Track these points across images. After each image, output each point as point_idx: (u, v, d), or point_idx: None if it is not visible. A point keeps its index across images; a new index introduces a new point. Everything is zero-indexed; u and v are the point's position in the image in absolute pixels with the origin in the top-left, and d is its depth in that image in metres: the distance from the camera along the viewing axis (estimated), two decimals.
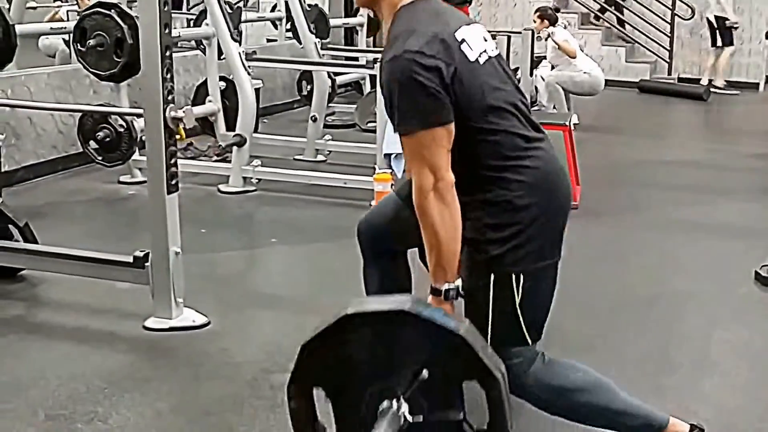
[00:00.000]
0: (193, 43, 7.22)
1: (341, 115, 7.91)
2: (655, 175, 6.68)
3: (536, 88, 8.71)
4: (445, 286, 2.21)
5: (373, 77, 8.21)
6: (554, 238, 2.29)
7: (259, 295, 3.94)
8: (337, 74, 7.00)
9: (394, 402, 1.98)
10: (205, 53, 6.02)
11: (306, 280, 4.19)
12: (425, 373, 1.97)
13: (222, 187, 5.59)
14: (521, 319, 2.25)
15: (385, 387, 2.02)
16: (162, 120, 3.25)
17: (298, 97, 7.85)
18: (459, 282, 2.25)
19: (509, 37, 7.41)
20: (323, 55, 6.88)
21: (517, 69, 7.22)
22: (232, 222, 5.09)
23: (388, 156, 5.33)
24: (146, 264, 3.45)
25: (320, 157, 6.51)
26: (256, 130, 5.96)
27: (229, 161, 5.69)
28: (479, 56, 2.25)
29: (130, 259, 3.47)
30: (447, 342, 1.96)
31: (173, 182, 3.37)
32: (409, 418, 1.98)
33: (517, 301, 2.24)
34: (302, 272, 4.31)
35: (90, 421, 2.78)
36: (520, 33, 7.09)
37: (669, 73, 11.65)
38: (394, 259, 2.82)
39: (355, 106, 7.81)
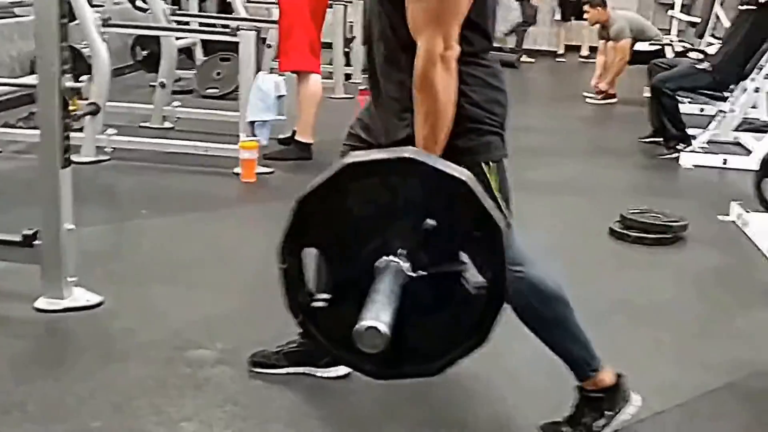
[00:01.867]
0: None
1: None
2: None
3: None
4: None
5: (206, 43, 8.08)
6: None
7: (146, 270, 3.81)
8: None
9: (396, 257, 1.88)
10: None
11: (190, 252, 4.08)
12: (431, 222, 1.88)
13: (74, 158, 5.30)
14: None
15: (385, 242, 1.91)
16: (57, 91, 3.07)
17: (130, 63, 7.59)
18: None
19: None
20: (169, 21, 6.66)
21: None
22: (94, 195, 4.86)
23: (252, 124, 5.27)
24: (35, 242, 3.27)
25: (167, 124, 6.32)
26: None
27: (80, 130, 5.43)
28: None
29: (19, 238, 3.28)
30: (451, 190, 1.89)
31: (66, 156, 3.21)
32: (411, 273, 1.88)
33: (495, 187, 2.27)
34: (183, 244, 4.20)
35: (7, 412, 2.62)
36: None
37: None
38: None
39: (193, 72, 7.63)
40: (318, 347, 2.02)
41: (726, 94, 6.85)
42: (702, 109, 7.55)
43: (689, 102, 7.55)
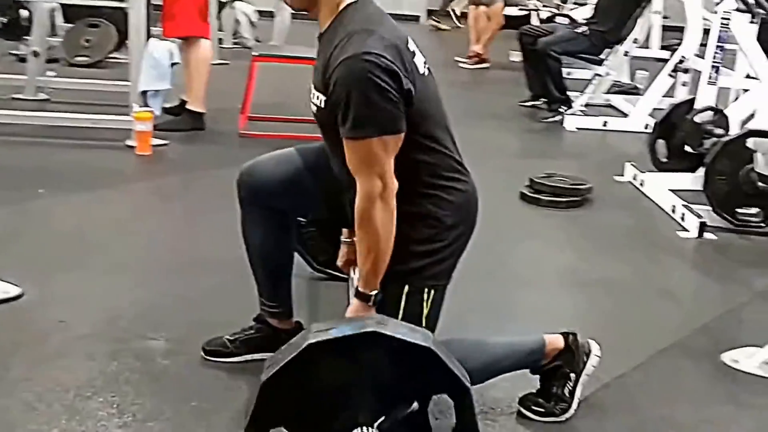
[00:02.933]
0: None
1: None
2: None
3: (238, 21, 8.57)
4: (374, 292, 2.26)
5: (65, 6, 7.58)
6: (459, 259, 2.39)
7: (58, 256, 3.53)
8: None
9: (365, 428, 1.98)
10: None
11: (100, 233, 3.82)
12: (416, 405, 2.01)
13: None
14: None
15: (352, 415, 1.98)
16: None
17: None
18: None
19: None
20: None
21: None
22: None
23: (144, 93, 5.00)
24: None
25: (42, 96, 5.90)
26: None
27: None
28: (425, 69, 2.28)
29: None
30: (416, 358, 1.98)
31: None
32: None
33: (425, 313, 2.30)
34: (92, 225, 3.92)
35: None
36: None
37: None
38: (280, 217, 2.62)
39: (57, 39, 7.16)
40: None
41: (603, 57, 7.00)
42: (569, 73, 7.69)
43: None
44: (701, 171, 4.70)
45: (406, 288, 2.28)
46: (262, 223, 2.61)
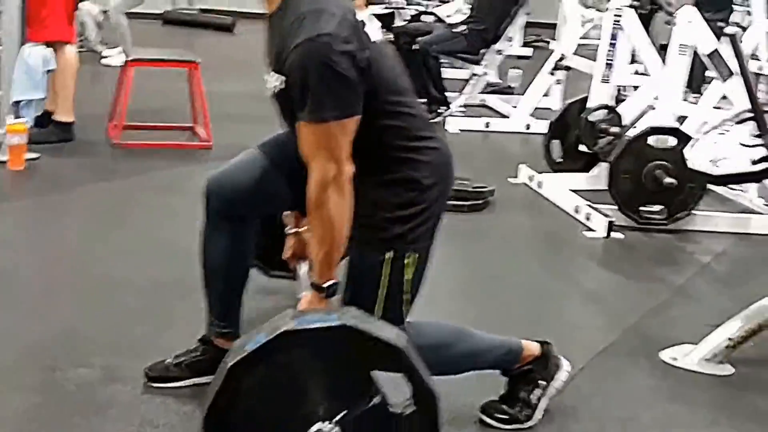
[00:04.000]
0: None
1: None
2: (254, 108, 6.60)
3: (83, 23, 8.15)
4: (329, 283, 2.19)
5: None
6: (440, 218, 2.34)
7: None
8: None
9: (327, 425, 1.93)
10: None
11: (5, 254, 3.54)
12: (378, 399, 1.93)
13: None
14: (406, 296, 2.27)
15: (317, 410, 1.93)
16: None
17: None
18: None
19: None
20: None
21: None
22: None
23: (16, 104, 4.69)
24: None
25: None
26: None
27: None
28: (378, 35, 2.23)
29: None
30: (386, 357, 1.94)
31: None
32: None
33: (408, 278, 2.26)
34: None
35: None
36: None
37: (191, 4, 11.51)
38: (244, 227, 2.52)
39: None
40: None
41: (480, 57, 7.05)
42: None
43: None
44: (597, 170, 4.82)
45: (390, 254, 2.21)
46: (227, 236, 2.50)
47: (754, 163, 3.36)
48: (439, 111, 6.67)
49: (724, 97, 4.67)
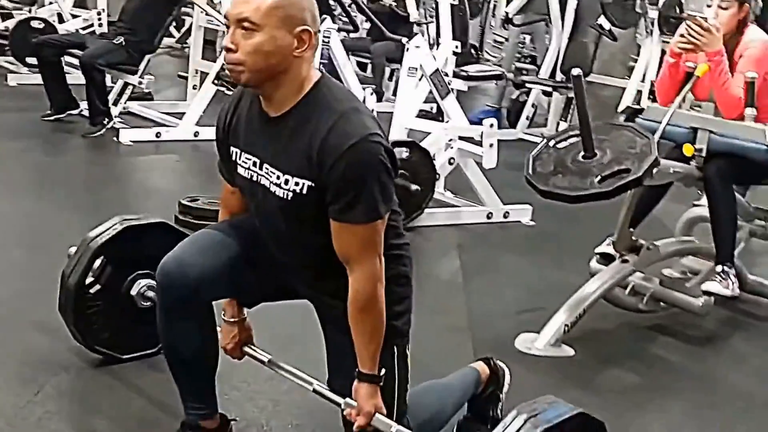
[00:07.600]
0: None
1: None
2: None
3: None
4: (383, 371, 2.22)
5: None
6: None
7: None
8: None
9: None
10: None
11: None
12: None
13: None
14: (409, 384, 2.34)
15: None
16: None
17: None
18: None
19: None
20: None
21: None
22: None
23: None
24: None
25: None
26: None
27: None
28: None
29: None
30: None
31: None
32: None
33: (409, 366, 2.32)
34: None
35: None
36: None
37: None
38: (210, 307, 2.38)
39: None
40: None
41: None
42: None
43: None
44: None
45: (395, 350, 2.26)
46: (195, 323, 2.32)
47: None
48: (103, 123, 6.43)
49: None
